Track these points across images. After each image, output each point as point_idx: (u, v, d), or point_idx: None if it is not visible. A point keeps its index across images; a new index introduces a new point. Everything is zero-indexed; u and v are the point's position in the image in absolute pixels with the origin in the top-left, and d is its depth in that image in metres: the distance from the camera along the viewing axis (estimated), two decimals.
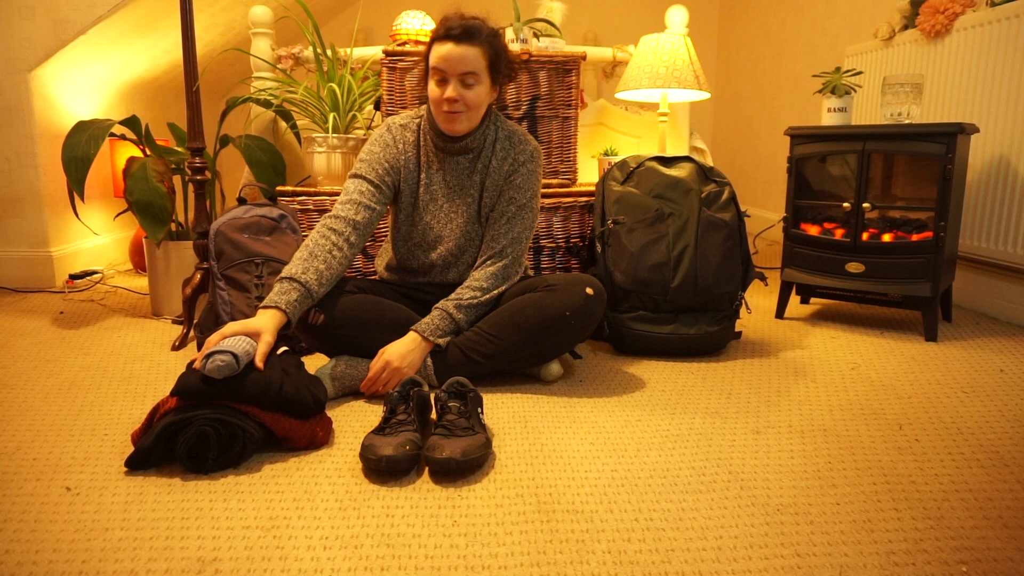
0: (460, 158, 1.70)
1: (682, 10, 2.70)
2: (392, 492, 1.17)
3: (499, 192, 1.70)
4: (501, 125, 1.73)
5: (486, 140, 1.70)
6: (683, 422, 1.46)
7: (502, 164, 1.70)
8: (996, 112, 2.22)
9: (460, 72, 1.57)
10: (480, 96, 1.61)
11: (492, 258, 1.67)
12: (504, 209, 1.69)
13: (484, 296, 1.64)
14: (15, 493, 1.16)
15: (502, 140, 1.71)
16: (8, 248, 2.77)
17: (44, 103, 2.73)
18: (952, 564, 0.98)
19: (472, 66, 1.57)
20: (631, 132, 2.80)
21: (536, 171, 1.72)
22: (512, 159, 1.70)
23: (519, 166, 1.70)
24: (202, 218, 2.08)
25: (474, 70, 1.57)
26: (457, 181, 1.70)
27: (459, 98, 1.58)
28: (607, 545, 1.02)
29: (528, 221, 1.71)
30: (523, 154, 1.71)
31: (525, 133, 1.75)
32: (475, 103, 1.60)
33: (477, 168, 1.70)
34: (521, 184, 1.69)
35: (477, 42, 1.57)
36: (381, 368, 1.56)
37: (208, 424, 1.21)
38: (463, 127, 1.63)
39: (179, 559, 0.98)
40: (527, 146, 1.72)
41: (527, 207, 1.70)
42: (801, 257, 2.22)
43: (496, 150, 1.70)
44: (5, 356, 1.89)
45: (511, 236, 1.68)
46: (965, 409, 1.53)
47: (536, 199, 1.73)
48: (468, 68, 1.57)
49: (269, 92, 2.43)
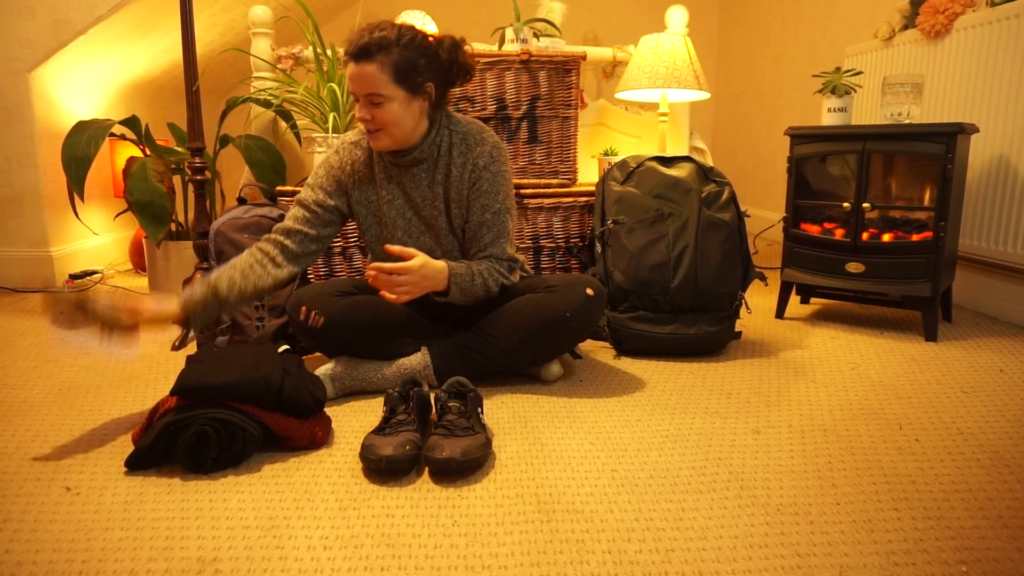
0: (414, 170, 1.61)
1: (682, 10, 2.70)
2: (392, 492, 1.17)
3: (467, 203, 1.61)
4: (455, 128, 1.62)
5: (440, 148, 1.61)
6: (683, 422, 1.46)
7: (462, 172, 1.60)
8: (996, 112, 2.22)
9: (362, 93, 1.49)
10: (393, 113, 1.49)
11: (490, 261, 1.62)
12: (480, 219, 1.61)
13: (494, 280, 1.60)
14: (15, 493, 1.16)
15: (458, 144, 1.61)
16: (8, 248, 2.77)
17: (44, 103, 2.73)
18: (952, 564, 0.98)
19: (371, 86, 1.47)
20: (631, 132, 2.80)
21: (502, 171, 1.62)
22: (472, 164, 1.59)
23: (481, 171, 1.59)
24: (202, 218, 2.08)
25: (374, 90, 1.47)
26: (419, 194, 1.62)
27: (370, 117, 1.50)
28: (607, 545, 1.02)
29: (508, 222, 1.63)
30: (482, 157, 1.59)
31: (481, 131, 1.63)
32: (389, 121, 1.50)
33: (436, 179, 1.61)
34: (489, 189, 1.60)
35: (375, 58, 1.46)
36: (406, 270, 1.47)
37: (208, 424, 1.21)
38: (385, 144, 1.54)
39: (179, 559, 0.98)
40: (484, 147, 1.60)
41: (503, 210, 1.62)
42: (801, 257, 2.22)
43: (453, 157, 1.60)
44: (5, 356, 1.89)
45: (500, 243, 1.62)
46: (965, 409, 1.53)
47: (509, 197, 1.64)
48: (368, 89, 1.48)
49: (269, 92, 2.43)
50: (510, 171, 1.66)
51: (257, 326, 1.84)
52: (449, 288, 1.54)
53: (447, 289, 1.55)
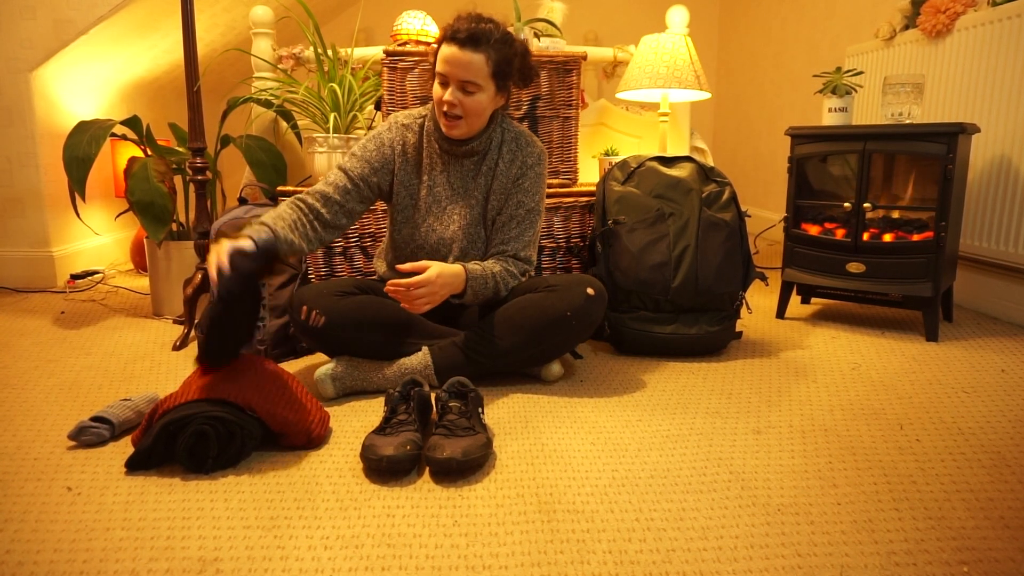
0: (465, 160, 1.67)
1: (683, 10, 2.70)
2: (393, 492, 1.17)
3: (507, 196, 1.67)
4: (508, 127, 1.71)
5: (492, 143, 1.68)
6: (684, 422, 1.46)
7: (510, 167, 1.68)
8: (997, 112, 2.22)
9: (460, 79, 1.54)
10: (480, 104, 1.57)
11: (506, 259, 1.66)
12: (513, 213, 1.67)
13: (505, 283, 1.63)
14: (16, 493, 1.16)
15: (509, 142, 1.69)
16: (9, 248, 2.77)
17: (45, 103, 2.73)
18: (953, 564, 0.98)
19: (473, 74, 1.53)
20: (632, 132, 2.80)
21: (543, 174, 1.71)
22: (520, 162, 1.68)
23: (527, 169, 1.68)
24: (203, 218, 2.08)
25: (474, 79, 1.54)
26: (462, 183, 1.68)
27: (457, 103, 1.55)
28: (608, 545, 1.02)
29: (537, 224, 1.70)
30: (531, 157, 1.68)
31: (531, 135, 1.73)
32: (474, 110, 1.57)
33: (482, 171, 1.67)
34: (529, 188, 1.68)
35: (482, 49, 1.53)
36: (424, 283, 1.48)
37: (206, 423, 1.22)
38: (460, 132, 1.60)
39: (180, 559, 0.98)
40: (534, 148, 1.70)
41: (535, 211, 1.69)
42: (802, 257, 2.22)
43: (503, 152, 1.68)
44: (6, 356, 1.89)
45: (524, 240, 1.67)
46: (966, 409, 1.53)
47: (543, 201, 1.72)
48: (468, 76, 1.53)
49: (270, 92, 2.43)
50: (547, 177, 1.74)
51: (258, 326, 1.84)
52: (466, 291, 1.57)
53: (463, 291, 1.57)
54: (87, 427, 1.34)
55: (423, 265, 1.51)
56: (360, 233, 2.05)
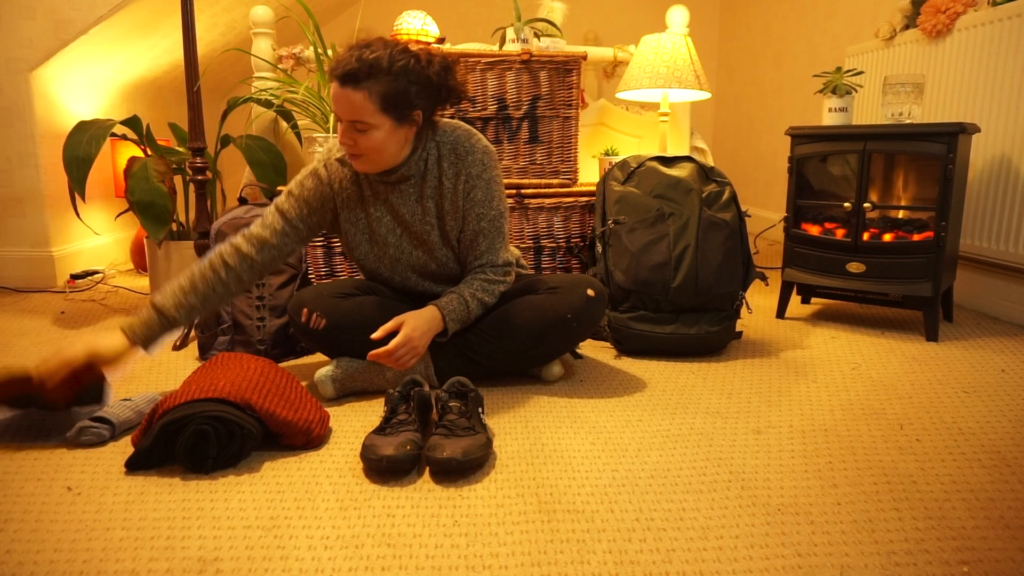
0: (402, 187, 1.56)
1: (683, 10, 2.70)
2: (393, 492, 1.17)
3: (463, 213, 1.57)
4: (442, 139, 1.57)
5: (427, 162, 1.56)
6: (684, 422, 1.46)
7: (455, 183, 1.56)
8: (997, 112, 2.22)
9: (347, 119, 1.43)
10: (376, 140, 1.44)
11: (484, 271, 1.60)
12: (476, 227, 1.58)
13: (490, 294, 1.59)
14: (16, 493, 1.16)
15: (447, 155, 1.56)
16: (9, 248, 2.77)
17: (45, 103, 2.73)
18: (953, 564, 0.98)
19: (358, 114, 1.41)
20: (632, 132, 2.80)
21: (494, 176, 1.59)
22: (465, 175, 1.56)
23: (474, 180, 1.56)
24: (203, 218, 2.08)
25: (360, 117, 1.41)
26: (408, 211, 1.58)
27: (352, 143, 1.45)
28: (608, 545, 1.02)
29: (504, 227, 1.61)
30: (474, 166, 1.56)
31: (468, 136, 1.58)
32: (373, 148, 1.45)
33: (426, 193, 1.57)
34: (484, 198, 1.57)
35: (363, 85, 1.39)
36: (402, 343, 1.44)
37: (206, 423, 1.22)
38: (367, 168, 1.51)
39: (180, 559, 0.98)
40: (475, 155, 1.56)
41: (498, 217, 1.59)
42: (802, 257, 2.22)
43: (444, 168, 1.56)
44: (6, 356, 1.89)
45: (495, 248, 1.60)
46: (966, 409, 1.53)
47: (503, 201, 1.61)
48: (353, 116, 1.41)
49: (270, 92, 2.43)
50: (501, 173, 1.63)
51: (258, 326, 1.84)
52: (447, 328, 1.53)
53: (445, 329, 1.53)
54: (87, 427, 1.34)
55: (396, 324, 1.47)
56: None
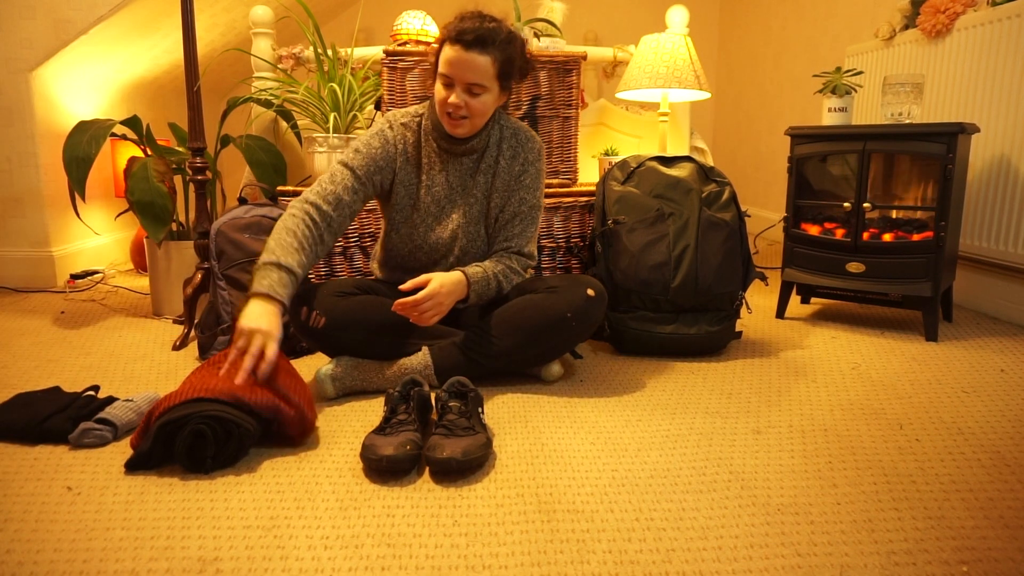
0: (464, 159, 1.67)
1: (682, 10, 2.70)
2: (393, 492, 1.17)
3: (509, 193, 1.68)
4: (505, 123, 1.71)
5: (491, 140, 1.67)
6: (684, 422, 1.46)
7: (512, 164, 1.68)
8: (997, 112, 2.22)
9: (467, 81, 1.52)
10: (486, 104, 1.56)
11: (510, 255, 1.67)
12: (516, 210, 1.67)
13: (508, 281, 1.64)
14: (16, 493, 1.16)
15: (508, 139, 1.68)
16: (9, 248, 2.77)
17: (45, 103, 2.73)
18: (953, 564, 0.98)
19: (480, 77, 1.52)
20: (632, 132, 2.80)
21: (543, 169, 1.72)
22: (523, 159, 1.68)
23: (528, 165, 1.68)
24: (203, 218, 2.08)
25: (480, 80, 1.52)
26: (460, 182, 1.67)
27: (463, 105, 1.54)
28: (608, 545, 1.02)
29: (538, 220, 1.71)
30: (532, 153, 1.69)
31: (529, 129, 1.72)
32: (480, 111, 1.56)
33: (481, 168, 1.67)
34: (531, 184, 1.68)
35: (489, 51, 1.51)
36: (429, 296, 1.49)
37: (203, 422, 1.21)
38: (464, 131, 1.60)
39: (180, 559, 0.98)
40: (534, 144, 1.70)
41: (537, 207, 1.70)
42: (802, 257, 2.22)
43: (503, 149, 1.68)
44: (6, 356, 1.89)
45: (527, 236, 1.69)
46: (966, 409, 1.53)
47: (542, 198, 1.73)
48: (475, 79, 1.52)
49: (270, 92, 2.43)
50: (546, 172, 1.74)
51: None
52: (469, 295, 1.58)
53: (467, 296, 1.58)
54: (90, 429, 1.33)
55: (424, 279, 1.52)
56: (360, 233, 2.05)
